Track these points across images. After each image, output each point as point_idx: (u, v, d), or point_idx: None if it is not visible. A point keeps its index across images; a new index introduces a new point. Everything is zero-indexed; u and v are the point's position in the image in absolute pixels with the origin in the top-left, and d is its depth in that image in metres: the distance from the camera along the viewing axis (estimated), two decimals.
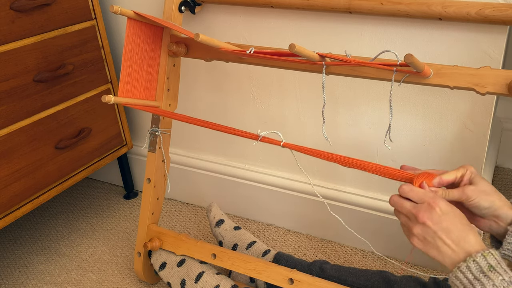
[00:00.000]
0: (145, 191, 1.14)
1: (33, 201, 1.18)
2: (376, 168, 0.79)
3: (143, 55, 1.01)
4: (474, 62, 0.95)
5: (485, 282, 0.61)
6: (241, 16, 1.17)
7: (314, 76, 1.14)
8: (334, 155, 0.83)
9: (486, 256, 0.62)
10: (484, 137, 1.03)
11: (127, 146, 1.45)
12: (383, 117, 1.12)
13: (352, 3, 0.96)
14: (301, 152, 0.85)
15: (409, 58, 0.71)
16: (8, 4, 1.03)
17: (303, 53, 0.79)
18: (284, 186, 1.32)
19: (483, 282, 0.61)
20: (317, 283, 0.94)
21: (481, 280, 0.61)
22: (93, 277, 1.24)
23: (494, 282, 0.60)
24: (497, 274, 0.61)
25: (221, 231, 1.20)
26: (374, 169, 0.79)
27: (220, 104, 1.33)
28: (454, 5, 0.87)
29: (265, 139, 0.88)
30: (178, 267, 1.09)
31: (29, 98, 1.12)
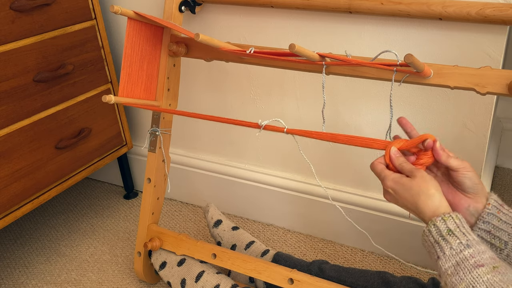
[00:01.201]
0: (145, 191, 1.14)
1: (33, 201, 1.18)
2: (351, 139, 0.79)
3: (143, 55, 1.01)
4: (474, 62, 0.95)
5: (443, 245, 0.63)
6: (241, 16, 1.17)
7: (314, 76, 1.14)
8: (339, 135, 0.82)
9: (446, 220, 0.65)
10: (484, 137, 1.04)
11: (127, 146, 1.45)
12: (383, 117, 1.12)
13: (352, 3, 0.96)
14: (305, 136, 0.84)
15: (409, 58, 0.71)
16: (8, 4, 1.03)
17: (303, 53, 0.79)
18: (284, 186, 1.32)
19: (441, 245, 0.64)
20: (317, 283, 0.94)
21: (440, 243, 0.64)
22: (93, 277, 1.24)
23: (451, 245, 0.63)
24: (454, 238, 0.63)
25: (219, 231, 1.20)
26: (348, 141, 0.80)
27: (220, 104, 1.33)
28: (454, 5, 0.87)
29: (268, 128, 0.87)
30: (178, 267, 1.09)
31: (29, 98, 1.12)
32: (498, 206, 0.72)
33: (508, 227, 0.70)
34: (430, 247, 0.66)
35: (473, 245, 0.62)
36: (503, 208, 0.72)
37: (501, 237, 0.70)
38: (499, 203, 0.72)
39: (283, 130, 0.86)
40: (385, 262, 1.23)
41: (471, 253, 0.61)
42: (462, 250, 0.62)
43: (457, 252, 0.62)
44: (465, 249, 0.62)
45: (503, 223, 0.70)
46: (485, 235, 0.72)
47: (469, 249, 0.62)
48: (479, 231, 0.72)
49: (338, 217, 1.25)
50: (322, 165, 1.25)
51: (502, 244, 0.70)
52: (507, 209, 0.72)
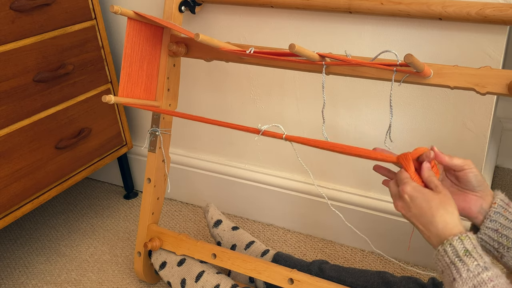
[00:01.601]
0: (145, 191, 1.14)
1: (33, 201, 1.18)
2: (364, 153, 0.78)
3: (143, 55, 1.01)
4: (474, 62, 0.95)
5: (460, 267, 0.61)
6: (241, 16, 1.17)
7: (314, 76, 1.14)
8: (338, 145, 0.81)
9: (463, 240, 0.62)
10: (484, 137, 1.03)
11: (127, 146, 1.45)
12: (383, 117, 1.12)
13: (352, 3, 0.96)
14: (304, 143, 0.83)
15: (409, 58, 0.71)
16: (8, 4, 1.03)
17: (303, 53, 0.79)
18: (284, 186, 1.32)
19: (458, 267, 0.61)
20: (317, 283, 0.94)
21: (456, 264, 0.61)
22: (93, 277, 1.24)
23: (468, 267, 0.60)
24: (472, 259, 0.61)
25: (219, 231, 1.20)
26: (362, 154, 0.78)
27: (220, 104, 1.33)
28: (454, 5, 0.87)
29: (266, 133, 0.87)
30: (178, 267, 1.09)
31: (29, 98, 1.12)
32: (504, 205, 0.72)
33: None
34: (445, 268, 0.63)
35: (491, 268, 0.60)
36: (509, 207, 0.71)
37: (508, 235, 0.70)
38: (505, 202, 0.72)
39: (281, 136, 0.85)
40: (385, 262, 1.23)
41: (490, 277, 0.59)
42: (480, 273, 0.59)
43: (474, 275, 0.60)
44: (483, 271, 0.59)
45: (510, 222, 0.70)
46: (492, 233, 0.71)
47: (488, 272, 0.59)
48: (486, 230, 0.72)
49: (338, 217, 1.25)
50: (322, 164, 1.25)
51: (510, 242, 0.70)
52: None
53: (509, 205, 0.72)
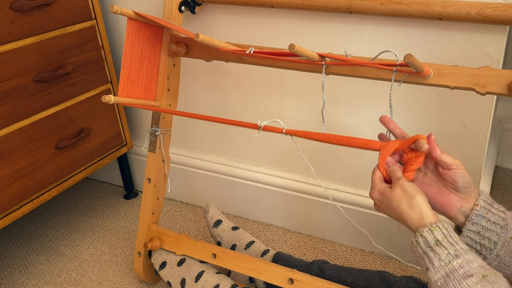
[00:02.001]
0: (145, 191, 1.14)
1: (33, 201, 1.18)
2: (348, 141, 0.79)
3: (143, 55, 1.01)
4: (474, 62, 0.95)
5: (432, 256, 0.63)
6: (241, 16, 1.17)
7: (314, 76, 1.14)
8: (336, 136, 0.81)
9: (434, 231, 0.64)
10: (484, 137, 1.03)
11: (127, 146, 1.45)
12: None
13: (352, 3, 0.96)
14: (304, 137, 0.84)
15: (409, 58, 0.71)
16: (8, 4, 1.03)
17: (303, 53, 0.79)
18: (284, 186, 1.32)
19: (430, 256, 0.63)
20: (317, 283, 0.94)
21: (428, 254, 0.64)
22: (93, 277, 1.24)
23: (440, 256, 0.62)
24: (443, 248, 0.63)
25: (219, 231, 1.20)
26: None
27: (220, 104, 1.33)
28: (454, 5, 0.87)
29: (266, 128, 0.87)
30: (178, 267, 1.09)
31: (29, 98, 1.12)
32: (487, 206, 0.71)
33: (497, 227, 0.70)
34: (419, 258, 0.65)
35: (461, 255, 0.62)
36: (493, 208, 0.71)
37: (490, 237, 0.71)
38: (488, 203, 0.72)
39: (282, 131, 0.86)
40: (385, 262, 1.23)
41: (460, 264, 0.61)
42: (451, 261, 0.61)
43: (446, 263, 0.62)
44: (454, 259, 0.62)
45: (492, 224, 0.70)
46: (474, 236, 0.72)
47: (458, 260, 0.61)
48: (468, 232, 0.72)
49: (338, 217, 1.25)
50: (322, 164, 1.25)
51: (492, 244, 0.71)
52: (497, 208, 0.72)
53: (493, 205, 0.72)
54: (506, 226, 0.70)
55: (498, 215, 0.71)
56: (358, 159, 1.19)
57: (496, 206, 0.72)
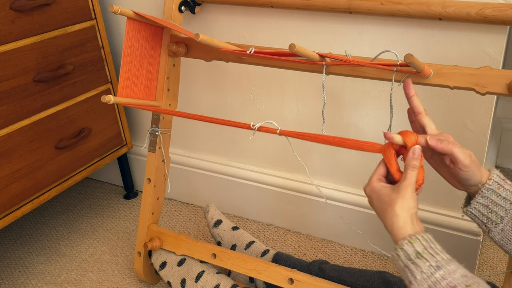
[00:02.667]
0: (145, 191, 1.14)
1: (33, 201, 1.18)
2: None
3: (143, 55, 1.01)
4: (474, 62, 0.95)
5: (414, 269, 0.62)
6: (241, 16, 1.17)
7: (314, 76, 1.14)
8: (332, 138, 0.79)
9: (413, 243, 0.63)
10: (484, 137, 1.03)
11: (127, 146, 1.45)
12: (383, 117, 1.12)
13: (352, 3, 0.96)
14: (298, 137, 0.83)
15: (409, 58, 0.71)
16: (8, 4, 1.03)
17: (303, 53, 0.79)
18: (284, 186, 1.32)
19: (411, 269, 0.62)
20: (317, 283, 0.94)
21: (410, 268, 0.62)
22: (93, 277, 1.24)
23: (422, 269, 0.61)
24: (424, 260, 0.62)
25: (220, 231, 1.20)
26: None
27: (220, 104, 1.33)
28: (454, 5, 0.87)
29: (261, 129, 0.86)
30: (179, 267, 1.09)
31: (29, 98, 1.12)
32: (501, 181, 0.72)
33: (507, 202, 0.71)
34: (402, 271, 0.64)
35: (443, 266, 0.61)
36: (506, 183, 0.72)
37: (498, 212, 0.71)
38: (501, 178, 0.72)
39: (276, 131, 0.85)
40: (385, 262, 1.23)
41: (442, 275, 0.60)
42: (433, 273, 0.61)
43: (428, 276, 0.61)
44: (436, 271, 0.61)
45: (502, 199, 0.71)
46: (482, 208, 0.72)
47: (440, 271, 0.61)
48: (476, 205, 0.73)
49: (338, 217, 1.25)
50: (321, 164, 1.25)
51: (499, 218, 0.71)
52: (510, 183, 0.72)
53: (506, 181, 0.72)
54: None
55: (510, 190, 0.71)
56: (359, 158, 1.19)
57: (509, 182, 0.72)
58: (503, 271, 1.17)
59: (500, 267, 1.18)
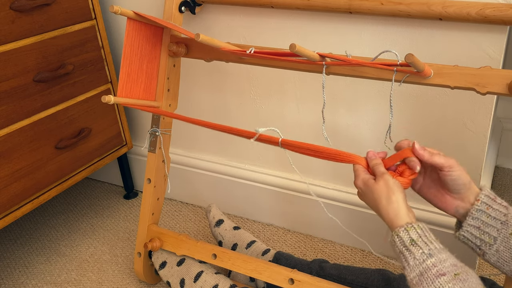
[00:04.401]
0: (145, 191, 1.14)
1: (33, 201, 1.18)
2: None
3: (143, 55, 1.01)
4: (474, 62, 0.95)
5: (407, 255, 0.65)
6: (241, 16, 1.17)
7: (314, 76, 1.14)
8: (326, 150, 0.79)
9: (409, 231, 0.66)
10: (484, 137, 1.04)
11: (127, 146, 1.45)
12: (383, 117, 1.12)
13: (352, 3, 0.96)
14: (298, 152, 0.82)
15: (410, 58, 0.71)
16: (8, 4, 1.03)
17: (304, 53, 0.79)
18: (284, 186, 1.32)
19: (405, 255, 0.65)
20: (317, 283, 0.94)
21: (404, 254, 0.65)
22: (93, 277, 1.24)
23: (415, 256, 0.64)
24: (417, 248, 0.65)
25: (221, 231, 1.20)
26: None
27: (220, 104, 1.33)
28: (455, 5, 0.87)
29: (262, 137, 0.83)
30: (178, 266, 1.09)
31: (29, 98, 1.12)
32: (489, 201, 0.72)
33: (497, 222, 0.71)
34: (397, 256, 0.67)
35: (435, 254, 0.64)
36: (495, 203, 0.72)
37: (490, 232, 0.71)
38: (491, 198, 0.72)
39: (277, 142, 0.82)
40: (385, 262, 1.23)
41: (433, 262, 0.63)
42: (425, 260, 0.63)
43: (420, 262, 0.64)
44: (428, 258, 0.63)
45: (492, 219, 0.71)
46: (474, 231, 0.72)
47: (431, 259, 0.63)
48: (468, 227, 0.72)
49: (338, 217, 1.25)
50: (321, 164, 1.25)
51: (492, 239, 0.71)
52: (499, 203, 0.72)
53: (495, 200, 0.72)
54: (507, 222, 0.70)
55: (499, 210, 0.71)
56: None
57: (499, 201, 0.72)
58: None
59: None
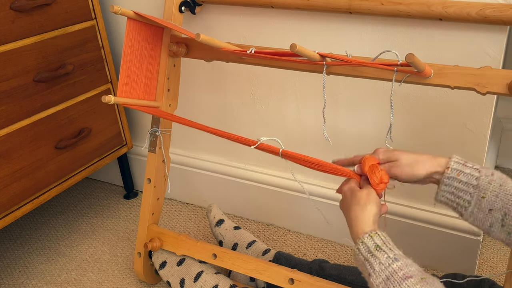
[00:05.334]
0: (145, 192, 1.14)
1: (33, 201, 1.18)
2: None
3: (143, 55, 1.01)
4: (474, 62, 0.95)
5: (372, 261, 0.65)
6: (241, 16, 1.17)
7: (314, 76, 1.14)
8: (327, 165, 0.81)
9: (373, 237, 0.68)
10: (484, 137, 1.04)
11: (127, 146, 1.45)
12: (384, 116, 1.12)
13: (352, 3, 0.96)
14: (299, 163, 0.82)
15: (410, 58, 0.71)
16: (8, 4, 1.03)
17: (304, 53, 0.79)
18: (284, 186, 1.32)
19: (371, 262, 0.66)
20: (317, 283, 0.94)
21: (369, 260, 0.66)
22: (93, 277, 1.24)
23: (380, 260, 0.65)
24: (382, 253, 0.65)
25: (221, 230, 1.20)
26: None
27: (220, 105, 1.33)
28: (455, 6, 0.88)
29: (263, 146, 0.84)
30: (178, 266, 1.09)
31: (29, 98, 1.12)
32: (460, 166, 0.74)
33: (469, 186, 0.73)
34: (362, 266, 0.67)
35: (400, 259, 0.65)
36: (466, 167, 0.74)
37: (463, 196, 0.74)
38: (460, 163, 0.74)
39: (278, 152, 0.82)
40: None
41: (399, 266, 0.63)
42: (391, 264, 0.64)
43: (386, 267, 0.64)
44: (393, 262, 0.64)
45: (464, 184, 0.73)
46: (449, 195, 0.75)
47: (397, 262, 0.64)
48: (442, 193, 0.75)
49: (338, 217, 1.25)
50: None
51: (466, 202, 0.74)
52: (471, 166, 0.74)
53: (466, 164, 0.74)
54: (478, 186, 0.72)
55: (471, 174, 0.73)
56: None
57: (470, 164, 0.74)
58: (503, 271, 1.17)
59: (500, 267, 1.18)
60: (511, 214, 0.70)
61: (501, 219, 0.71)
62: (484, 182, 0.72)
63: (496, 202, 0.71)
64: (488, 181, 0.72)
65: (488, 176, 0.72)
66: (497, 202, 0.71)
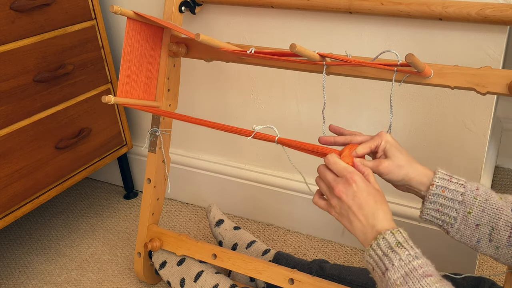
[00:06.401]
0: (145, 192, 1.14)
1: (33, 201, 1.18)
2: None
3: (143, 55, 1.01)
4: (474, 62, 0.95)
5: (392, 257, 0.64)
6: (241, 16, 1.17)
7: (314, 76, 1.14)
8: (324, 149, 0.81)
9: (395, 234, 0.66)
10: (484, 137, 1.04)
11: (127, 146, 1.45)
12: (384, 117, 1.12)
13: (353, 3, 0.96)
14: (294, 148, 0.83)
15: (410, 58, 0.71)
16: (8, 4, 1.03)
17: (304, 53, 0.79)
18: (284, 186, 1.32)
19: (390, 257, 0.64)
20: (317, 283, 0.94)
21: (389, 255, 0.65)
22: (93, 277, 1.24)
23: (400, 257, 0.64)
24: (403, 249, 0.64)
25: (221, 230, 1.20)
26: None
27: (220, 104, 1.33)
28: (455, 5, 0.88)
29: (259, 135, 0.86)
30: (178, 266, 1.09)
31: (29, 98, 1.12)
32: (445, 183, 0.73)
33: (455, 203, 0.72)
34: (377, 261, 0.66)
35: (421, 257, 0.64)
36: (451, 183, 0.73)
37: (449, 213, 0.73)
38: (445, 179, 0.73)
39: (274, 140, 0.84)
40: None
41: (420, 264, 0.63)
42: (411, 261, 0.63)
43: (406, 263, 0.63)
44: (414, 260, 0.63)
45: (449, 200, 0.73)
46: (434, 213, 0.74)
47: (418, 260, 0.63)
48: (427, 210, 0.75)
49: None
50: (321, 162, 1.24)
51: (452, 219, 0.73)
52: (456, 182, 0.73)
53: (451, 180, 0.73)
54: (464, 202, 0.72)
55: (456, 190, 0.72)
56: None
57: (455, 180, 0.73)
58: (503, 271, 1.17)
59: (500, 267, 1.18)
60: (498, 228, 0.70)
61: (488, 234, 0.71)
62: (469, 198, 0.72)
63: (483, 216, 0.71)
64: (473, 196, 0.72)
65: (474, 191, 0.72)
66: (483, 216, 0.71)
